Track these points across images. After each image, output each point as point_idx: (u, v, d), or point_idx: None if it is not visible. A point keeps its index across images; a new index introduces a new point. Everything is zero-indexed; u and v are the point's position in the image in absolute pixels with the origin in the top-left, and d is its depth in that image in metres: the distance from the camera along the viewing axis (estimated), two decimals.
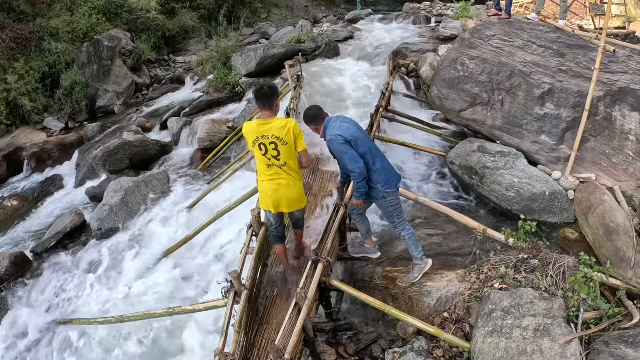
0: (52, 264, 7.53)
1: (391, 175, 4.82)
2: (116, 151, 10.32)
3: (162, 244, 7.37)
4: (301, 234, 5.47)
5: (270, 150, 4.43)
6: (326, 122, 4.74)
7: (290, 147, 4.47)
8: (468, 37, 8.88)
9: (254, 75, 13.11)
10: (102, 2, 16.96)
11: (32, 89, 13.50)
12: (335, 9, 31.11)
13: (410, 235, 5.17)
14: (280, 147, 4.42)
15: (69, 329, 6.28)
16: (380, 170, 4.73)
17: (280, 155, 4.45)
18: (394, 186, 4.85)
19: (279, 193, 4.62)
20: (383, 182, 4.76)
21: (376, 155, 4.76)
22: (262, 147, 4.44)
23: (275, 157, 4.45)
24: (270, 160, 4.48)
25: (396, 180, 4.88)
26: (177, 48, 20.01)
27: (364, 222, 5.49)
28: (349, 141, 4.54)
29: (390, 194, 4.86)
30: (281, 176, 4.56)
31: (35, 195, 10.63)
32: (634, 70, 7.05)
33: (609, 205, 6.06)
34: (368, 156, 4.66)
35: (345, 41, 15.26)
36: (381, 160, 4.78)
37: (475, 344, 4.25)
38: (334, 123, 4.69)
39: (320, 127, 4.77)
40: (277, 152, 4.44)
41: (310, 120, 4.79)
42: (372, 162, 4.68)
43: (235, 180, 8.61)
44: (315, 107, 4.90)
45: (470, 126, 8.45)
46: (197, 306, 5.35)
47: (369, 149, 4.69)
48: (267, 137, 4.40)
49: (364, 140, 4.69)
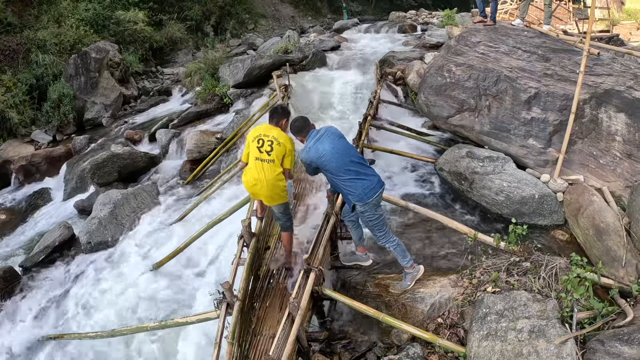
0: (41, 278, 7.42)
1: (365, 189, 4.76)
2: (105, 164, 10.23)
3: (152, 256, 7.30)
4: (287, 238, 5.50)
5: (266, 146, 4.92)
6: (308, 136, 4.90)
7: (282, 151, 4.95)
8: (454, 45, 8.96)
9: (242, 86, 13.11)
10: (89, 14, 16.98)
11: (19, 102, 13.40)
12: (322, 19, 31.35)
13: (395, 247, 5.15)
14: (274, 146, 4.92)
15: (59, 344, 6.18)
16: (352, 185, 4.76)
17: (272, 152, 4.91)
18: (366, 200, 4.78)
19: (260, 189, 5.01)
20: (355, 194, 4.77)
21: (348, 170, 4.76)
22: (260, 141, 4.95)
23: (267, 152, 4.91)
24: (262, 154, 4.91)
25: (370, 195, 4.78)
26: (165, 60, 20.03)
27: (357, 229, 5.49)
28: (312, 163, 4.81)
29: (366, 208, 4.83)
30: (268, 171, 4.93)
31: (24, 209, 10.49)
32: (619, 73, 7.15)
33: (598, 205, 6.11)
34: (341, 173, 4.76)
35: (332, 51, 15.33)
36: (353, 175, 4.77)
37: (470, 348, 4.23)
38: (309, 142, 4.85)
39: (305, 139, 4.94)
40: (270, 149, 4.91)
41: (297, 132, 4.99)
42: (344, 175, 4.76)
43: (225, 191, 8.58)
44: (301, 120, 5.02)
45: (459, 132, 8.50)
46: (190, 319, 5.27)
47: (336, 167, 4.74)
48: (267, 136, 4.97)
49: (332, 160, 4.73)
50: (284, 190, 5.08)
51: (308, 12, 32.22)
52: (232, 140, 10.40)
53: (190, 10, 22.53)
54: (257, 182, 4.95)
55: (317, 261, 4.88)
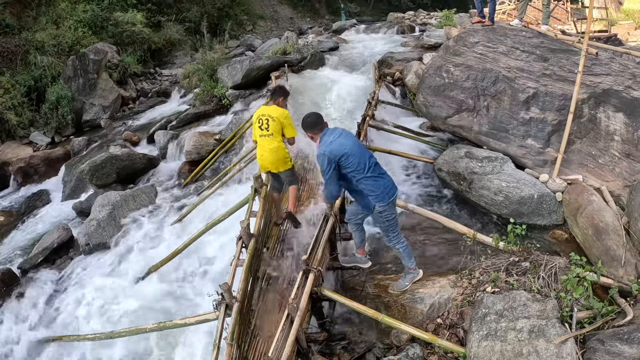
0: (40, 280, 7.39)
1: (385, 189, 4.74)
2: (103, 165, 10.22)
3: (151, 258, 7.29)
4: (294, 191, 6.37)
5: (264, 124, 5.88)
6: (323, 133, 4.73)
7: (278, 124, 5.85)
8: (452, 45, 8.96)
9: (240, 87, 13.09)
10: (88, 15, 16.94)
11: (18, 104, 13.37)
12: (320, 21, 31.37)
13: (404, 248, 5.16)
14: (270, 122, 5.85)
15: (58, 346, 6.16)
16: (374, 183, 4.68)
17: (269, 127, 5.85)
18: (386, 200, 4.76)
19: (265, 158, 5.94)
20: (374, 195, 4.71)
21: (369, 168, 4.68)
22: (260, 121, 5.91)
23: (266, 128, 5.87)
24: (262, 131, 5.87)
25: (390, 195, 4.78)
26: (163, 61, 20.01)
27: (360, 232, 5.46)
28: (335, 161, 4.57)
29: (385, 208, 4.80)
30: (269, 143, 5.85)
31: (22, 210, 10.46)
32: (617, 72, 7.15)
33: (597, 205, 6.10)
34: (362, 170, 4.63)
35: (331, 52, 15.35)
36: (375, 174, 4.71)
37: (470, 348, 4.22)
38: (328, 137, 4.67)
39: (317, 136, 4.77)
40: (267, 125, 5.86)
41: (308, 128, 4.81)
42: (367, 175, 4.65)
43: (224, 192, 8.57)
44: (314, 115, 4.87)
45: (457, 133, 8.50)
46: (188, 320, 5.25)
47: (358, 163, 4.62)
48: (265, 115, 5.92)
49: (356, 155, 4.63)
50: (286, 157, 5.98)
51: (306, 13, 32.25)
52: (231, 142, 10.40)
53: (188, 12, 22.53)
54: (263, 153, 5.92)
55: (316, 262, 4.87)
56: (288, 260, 5.85)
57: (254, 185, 6.25)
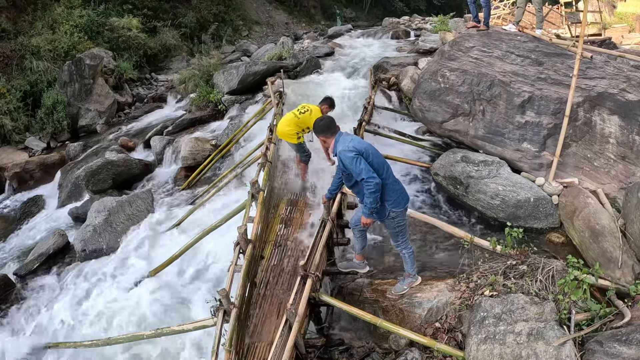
0: (36, 286, 7.35)
1: (401, 194, 4.73)
2: (99, 171, 10.17)
3: (148, 264, 7.25)
4: (304, 168, 7.81)
5: (302, 110, 7.32)
6: (337, 136, 4.67)
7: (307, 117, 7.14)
8: (448, 50, 9.00)
9: (236, 92, 13.10)
10: (83, 20, 16.94)
11: (13, 109, 13.31)
12: (316, 26, 31.46)
13: (410, 254, 5.17)
14: (306, 113, 7.23)
15: (55, 352, 6.11)
16: (391, 188, 4.64)
17: (302, 115, 7.23)
18: (402, 206, 4.76)
19: (280, 126, 7.39)
20: (392, 200, 4.68)
21: (389, 171, 4.66)
22: (303, 108, 7.34)
23: (302, 113, 7.25)
24: (297, 112, 7.30)
25: (405, 200, 4.79)
26: (159, 67, 20.01)
27: (363, 239, 5.43)
28: (361, 153, 4.46)
29: (399, 214, 4.78)
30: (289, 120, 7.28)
31: (18, 216, 10.40)
32: (612, 75, 7.21)
33: (593, 208, 6.13)
34: (381, 171, 4.56)
35: (326, 57, 15.39)
36: (393, 178, 4.70)
37: (469, 352, 4.22)
38: (345, 137, 4.62)
39: (330, 140, 4.70)
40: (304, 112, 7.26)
41: (322, 131, 4.73)
42: (386, 177, 4.59)
43: (221, 197, 8.55)
44: (328, 119, 4.84)
45: (453, 137, 8.53)
46: (186, 326, 5.22)
47: (378, 164, 4.56)
48: (308, 109, 7.33)
49: (376, 154, 4.61)
50: (294, 136, 7.24)
51: (302, 19, 32.35)
52: (227, 147, 10.39)
53: (184, 17, 22.57)
54: (281, 123, 7.40)
55: (313, 267, 4.87)
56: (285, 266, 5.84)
57: (250, 190, 6.25)
